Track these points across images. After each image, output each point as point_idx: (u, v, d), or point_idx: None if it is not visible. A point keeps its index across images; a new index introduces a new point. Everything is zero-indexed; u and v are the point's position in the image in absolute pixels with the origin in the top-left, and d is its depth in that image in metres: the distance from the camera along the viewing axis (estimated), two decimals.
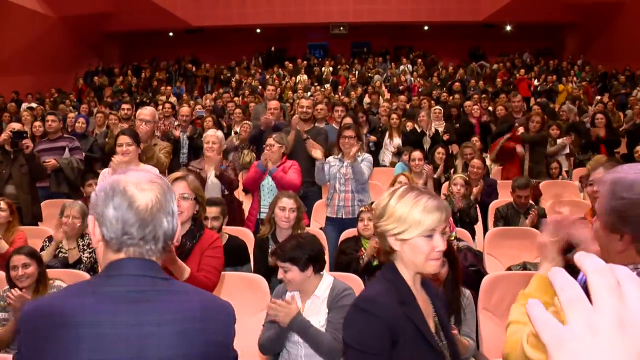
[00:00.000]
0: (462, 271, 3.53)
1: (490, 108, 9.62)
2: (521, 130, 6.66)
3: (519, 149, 6.69)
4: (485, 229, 5.47)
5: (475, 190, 5.55)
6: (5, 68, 14.69)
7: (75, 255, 4.05)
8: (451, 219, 4.33)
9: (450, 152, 7.31)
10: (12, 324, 3.24)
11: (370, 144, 7.56)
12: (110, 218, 1.27)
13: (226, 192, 4.81)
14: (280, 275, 2.77)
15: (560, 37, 20.03)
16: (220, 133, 5.01)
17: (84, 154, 6.30)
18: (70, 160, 5.95)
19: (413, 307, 1.66)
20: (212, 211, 3.80)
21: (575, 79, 16.13)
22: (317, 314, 2.71)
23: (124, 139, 4.06)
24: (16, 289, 3.21)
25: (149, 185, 1.31)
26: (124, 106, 7.72)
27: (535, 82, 15.67)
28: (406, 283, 1.68)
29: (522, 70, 16.15)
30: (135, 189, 1.28)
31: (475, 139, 7.25)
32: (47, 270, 3.46)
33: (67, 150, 6.08)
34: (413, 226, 1.61)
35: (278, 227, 3.87)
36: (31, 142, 5.40)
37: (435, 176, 5.89)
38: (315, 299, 2.76)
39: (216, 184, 4.71)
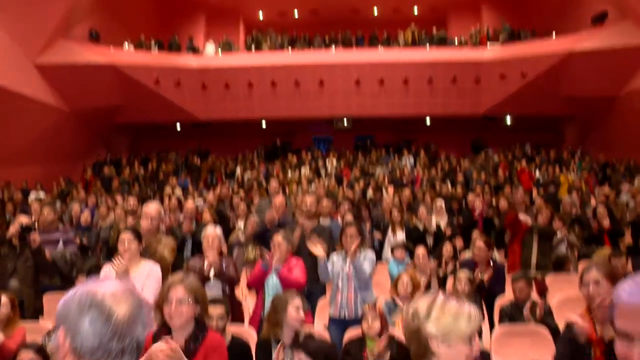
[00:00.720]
0: None
1: (494, 201, 9.69)
2: (523, 217, 6.65)
3: (523, 216, 6.63)
4: (491, 325, 5.38)
5: (485, 277, 5.51)
6: (17, 159, 15.05)
7: None
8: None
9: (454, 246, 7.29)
10: None
11: (375, 240, 7.56)
12: (85, 332, 1.22)
13: (227, 291, 4.77)
14: None
15: (559, 128, 20.49)
16: (219, 230, 5.04)
17: (77, 244, 6.35)
18: (63, 253, 5.97)
19: None
20: (216, 311, 3.78)
21: (575, 169, 16.34)
22: None
23: (126, 236, 4.11)
24: None
25: (124, 295, 1.28)
26: (130, 200, 7.84)
27: (537, 174, 15.85)
28: None
29: (524, 161, 16.38)
30: (111, 301, 1.25)
31: (476, 233, 7.23)
32: None
33: (60, 242, 6.13)
34: (459, 333, 1.73)
35: (286, 326, 3.73)
36: (39, 237, 5.44)
37: (441, 274, 5.86)
38: None
39: (217, 282, 4.69)
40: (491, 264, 5.74)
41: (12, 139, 14.61)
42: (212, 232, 4.91)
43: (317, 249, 4.85)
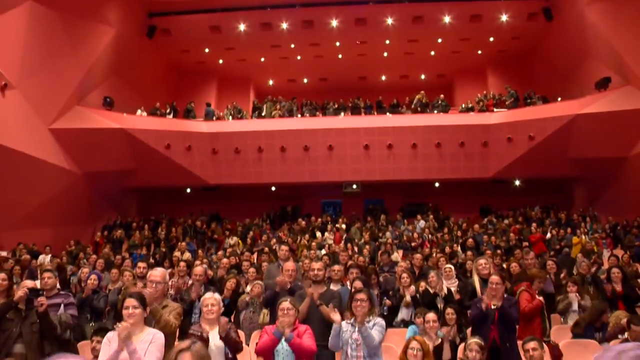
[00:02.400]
0: None
1: (505, 265, 9.57)
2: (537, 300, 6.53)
3: (537, 300, 6.52)
4: None
5: (485, 298, 5.55)
6: (28, 221, 15.19)
7: None
8: None
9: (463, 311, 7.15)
10: None
11: (385, 307, 7.46)
12: None
13: (230, 357, 4.69)
14: None
15: (568, 190, 20.49)
16: (217, 296, 5.01)
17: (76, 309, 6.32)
18: (59, 316, 5.89)
19: None
20: None
21: (586, 230, 16.22)
22: None
23: (130, 302, 4.11)
24: None
25: None
26: (140, 264, 7.83)
27: (548, 236, 15.74)
28: None
29: (534, 225, 16.31)
30: None
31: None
32: None
33: (62, 306, 6.09)
34: None
35: None
36: (46, 300, 5.43)
37: (450, 338, 5.74)
38: None
39: (220, 347, 4.59)
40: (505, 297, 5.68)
41: (25, 201, 14.84)
42: (211, 298, 4.88)
43: (335, 315, 4.80)
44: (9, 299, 5.44)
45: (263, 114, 19.98)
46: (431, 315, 5.68)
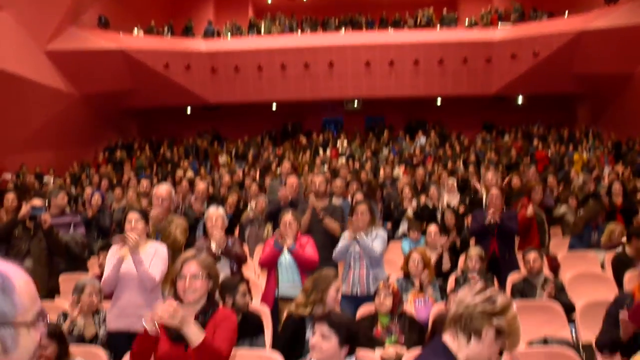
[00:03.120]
0: None
1: (506, 181, 9.61)
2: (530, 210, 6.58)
3: (530, 210, 6.57)
4: None
5: (490, 212, 5.67)
6: (30, 145, 15.19)
7: (92, 331, 4.05)
8: None
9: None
10: None
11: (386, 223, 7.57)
12: None
13: (235, 269, 4.79)
14: (314, 340, 2.63)
15: (571, 107, 20.31)
16: (221, 210, 5.07)
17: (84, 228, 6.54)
18: (74, 236, 6.13)
19: None
20: (241, 288, 3.93)
21: (588, 147, 16.23)
22: None
23: (132, 216, 4.15)
24: None
25: None
26: (143, 182, 7.89)
27: (549, 153, 15.75)
28: None
29: (540, 144, 16.26)
30: None
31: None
32: None
33: (72, 226, 6.27)
34: (513, 341, 1.92)
35: (324, 305, 3.66)
36: (49, 217, 5.51)
37: (448, 244, 5.87)
38: None
39: (225, 260, 4.69)
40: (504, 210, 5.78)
41: (25, 124, 14.77)
42: (215, 212, 4.94)
43: (353, 228, 4.88)
44: (14, 216, 5.53)
45: (262, 32, 19.52)
46: (433, 228, 5.77)
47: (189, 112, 21.24)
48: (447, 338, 1.92)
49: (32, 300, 1.18)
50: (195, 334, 2.53)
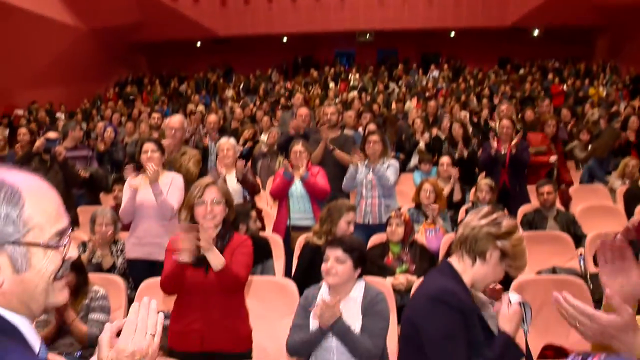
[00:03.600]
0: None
1: (520, 114, 9.51)
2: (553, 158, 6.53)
3: (553, 158, 6.55)
4: None
5: (513, 143, 5.67)
6: (38, 80, 15.12)
7: (109, 261, 4.16)
8: None
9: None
10: (53, 327, 3.34)
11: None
12: None
13: (248, 198, 4.84)
14: (329, 265, 2.71)
15: (589, 40, 19.76)
16: (233, 140, 5.08)
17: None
18: (97, 169, 6.28)
19: (475, 304, 1.87)
20: (253, 215, 4.05)
21: (604, 82, 15.91)
22: (351, 318, 2.69)
23: (148, 147, 4.17)
24: None
25: None
26: (154, 115, 7.89)
27: (565, 87, 15.48)
28: (465, 284, 1.86)
29: (557, 79, 15.94)
30: None
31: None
32: None
33: (87, 159, 6.37)
34: (519, 265, 1.94)
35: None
36: (64, 149, 5.57)
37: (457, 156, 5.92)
38: (350, 301, 2.74)
39: (237, 190, 4.71)
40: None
41: (33, 61, 14.62)
42: (226, 142, 4.95)
43: (354, 157, 4.92)
44: (28, 149, 5.58)
45: None
46: (445, 159, 5.76)
47: (198, 45, 20.93)
48: (454, 260, 1.95)
49: (49, 217, 1.04)
50: (217, 259, 2.62)
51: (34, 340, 1.06)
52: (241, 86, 17.81)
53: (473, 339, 1.74)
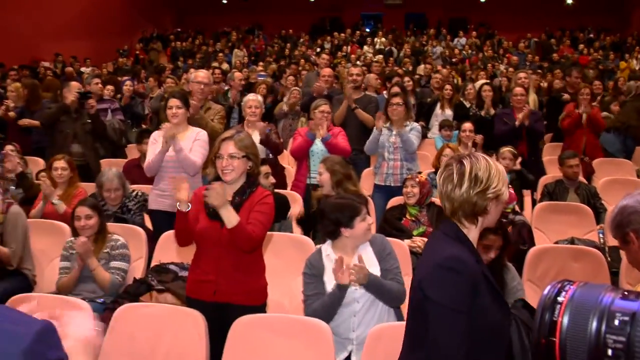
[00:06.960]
0: (513, 247, 3.56)
1: (545, 82, 9.34)
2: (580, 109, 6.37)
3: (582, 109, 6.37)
4: (534, 204, 5.41)
5: (521, 115, 5.66)
6: (62, 32, 15.12)
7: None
8: (512, 189, 4.31)
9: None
10: (76, 272, 3.45)
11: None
12: None
13: (270, 157, 4.85)
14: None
15: (625, 10, 19.16)
16: (260, 97, 5.06)
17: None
18: (111, 122, 6.30)
19: (483, 265, 1.77)
20: (264, 169, 4.01)
21: (637, 55, 15.46)
22: (371, 268, 2.75)
23: (173, 102, 4.11)
24: (80, 237, 3.41)
25: None
26: (168, 80, 7.94)
27: (596, 57, 15.12)
28: (472, 243, 1.78)
29: (586, 50, 15.55)
30: None
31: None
32: None
33: (109, 112, 6.44)
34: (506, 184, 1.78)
35: None
36: (95, 102, 5.65)
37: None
38: (364, 252, 2.81)
39: (261, 149, 4.68)
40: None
41: (58, 12, 14.61)
42: (254, 99, 4.94)
43: (379, 121, 4.88)
44: (62, 102, 5.62)
45: None
46: (468, 125, 5.70)
47: (225, 2, 20.70)
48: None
49: None
50: (229, 217, 2.62)
51: None
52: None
53: (480, 304, 1.70)
